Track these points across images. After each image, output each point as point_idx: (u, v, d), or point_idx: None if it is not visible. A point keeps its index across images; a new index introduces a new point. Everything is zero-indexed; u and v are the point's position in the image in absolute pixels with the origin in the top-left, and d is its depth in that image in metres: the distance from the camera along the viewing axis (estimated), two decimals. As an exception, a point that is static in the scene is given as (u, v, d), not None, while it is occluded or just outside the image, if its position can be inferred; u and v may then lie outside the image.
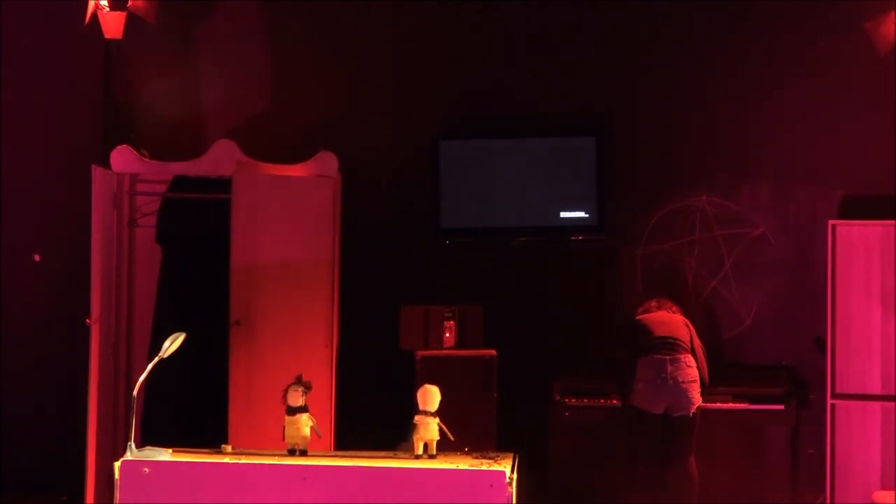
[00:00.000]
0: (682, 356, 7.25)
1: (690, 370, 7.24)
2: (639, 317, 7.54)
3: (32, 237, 8.54)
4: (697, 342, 7.40)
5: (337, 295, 7.87)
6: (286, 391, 5.42)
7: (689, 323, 7.47)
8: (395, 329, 7.95)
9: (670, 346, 7.28)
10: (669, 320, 7.44)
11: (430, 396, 5.33)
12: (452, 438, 5.36)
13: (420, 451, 5.31)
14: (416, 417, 5.33)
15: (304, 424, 5.38)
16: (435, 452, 5.30)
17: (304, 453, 5.36)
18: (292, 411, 5.39)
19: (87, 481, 7.46)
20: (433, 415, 5.32)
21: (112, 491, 5.09)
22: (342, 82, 8.58)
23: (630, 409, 7.37)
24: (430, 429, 5.29)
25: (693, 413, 7.24)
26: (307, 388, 5.43)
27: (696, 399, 7.26)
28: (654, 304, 7.62)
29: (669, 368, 7.21)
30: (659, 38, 8.34)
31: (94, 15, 8.10)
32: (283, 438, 5.42)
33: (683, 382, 7.20)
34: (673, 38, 8.33)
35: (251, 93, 8.58)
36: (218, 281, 7.69)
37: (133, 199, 8.12)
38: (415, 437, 5.33)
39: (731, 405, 7.79)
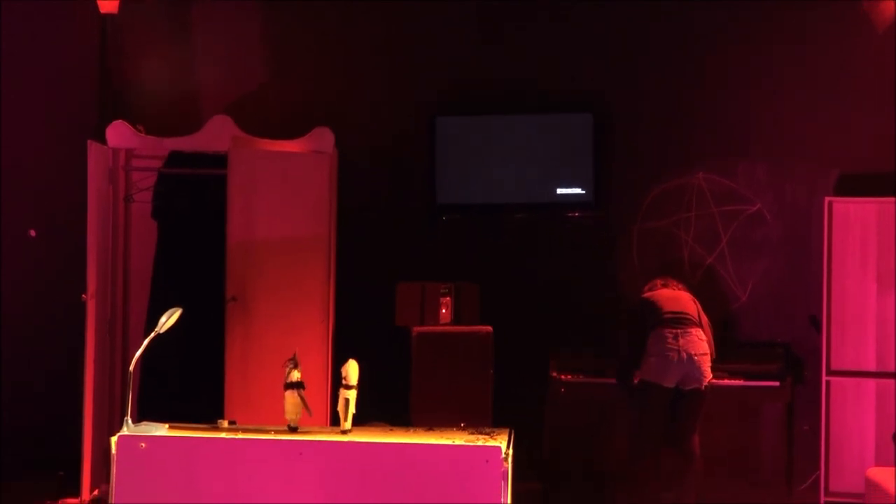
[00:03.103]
0: (692, 329, 7.23)
1: (702, 343, 7.22)
2: (646, 294, 7.52)
3: (28, 213, 8.54)
4: (704, 317, 7.38)
5: (333, 271, 7.87)
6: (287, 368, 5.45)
7: (695, 299, 7.46)
8: (392, 305, 7.96)
9: (681, 320, 7.25)
10: (678, 296, 7.41)
11: (346, 369, 5.36)
12: (311, 414, 5.42)
13: (348, 425, 5.33)
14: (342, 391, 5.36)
15: (297, 401, 5.40)
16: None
17: (293, 430, 5.37)
18: (286, 387, 5.41)
19: (83, 457, 7.48)
20: (354, 387, 5.34)
21: (109, 466, 5.10)
22: (338, 58, 8.56)
23: (640, 384, 7.33)
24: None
25: (704, 387, 7.23)
26: (293, 364, 5.45)
27: (708, 373, 7.23)
28: (659, 282, 7.59)
29: (682, 342, 7.19)
30: (657, 15, 8.32)
31: (90, -10, 8.10)
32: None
33: (696, 355, 7.18)
34: (671, 15, 8.30)
35: (247, 69, 8.57)
36: (214, 257, 7.69)
37: (129, 175, 8.10)
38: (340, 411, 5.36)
39: (726, 382, 7.80)
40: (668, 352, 7.19)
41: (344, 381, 5.33)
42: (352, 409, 5.31)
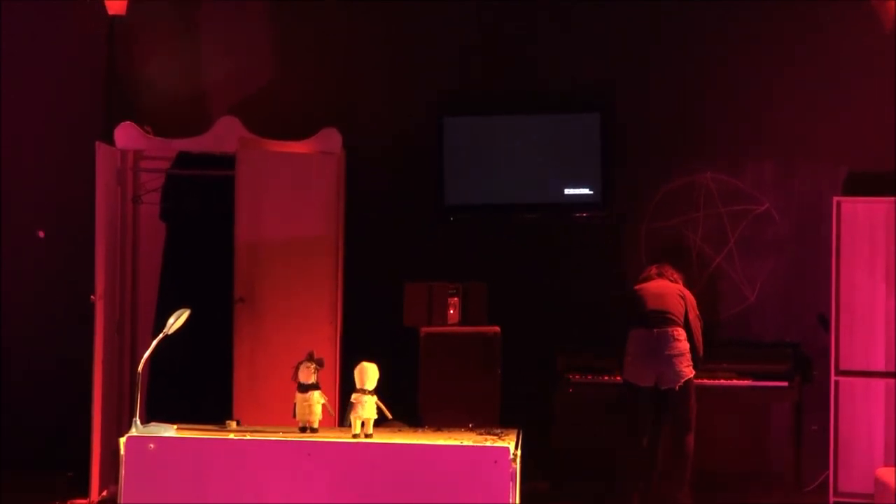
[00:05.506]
0: (670, 329, 7.18)
1: (678, 344, 7.17)
2: (636, 286, 7.46)
3: (37, 214, 8.56)
4: (694, 313, 7.32)
5: (341, 272, 7.88)
6: (297, 368, 5.36)
7: (685, 294, 7.37)
8: (400, 305, 7.95)
9: (660, 319, 7.21)
10: (665, 292, 7.35)
11: (368, 374, 5.24)
12: (390, 416, 5.31)
13: (357, 429, 5.23)
14: (354, 396, 5.23)
15: (316, 402, 5.33)
16: (371, 431, 5.22)
17: (314, 431, 5.32)
18: (304, 388, 5.32)
19: (92, 458, 7.49)
20: (371, 393, 5.24)
21: (118, 467, 5.11)
22: (345, 59, 8.56)
23: (623, 384, 7.35)
24: (367, 407, 5.22)
25: (680, 387, 7.18)
26: (319, 364, 5.37)
27: (686, 372, 7.18)
28: (654, 270, 7.54)
29: (657, 342, 7.17)
30: (665, 15, 8.31)
31: (98, -9, 8.11)
32: (294, 416, 5.36)
33: (670, 355, 7.13)
34: (679, 15, 8.29)
35: (255, 69, 8.58)
36: (222, 258, 7.70)
37: (137, 176, 8.11)
38: (352, 416, 5.22)
39: (734, 382, 7.80)
40: (642, 352, 7.18)
41: (359, 386, 5.24)
42: (373, 415, 5.19)
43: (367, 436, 5.18)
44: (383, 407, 5.24)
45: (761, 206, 8.26)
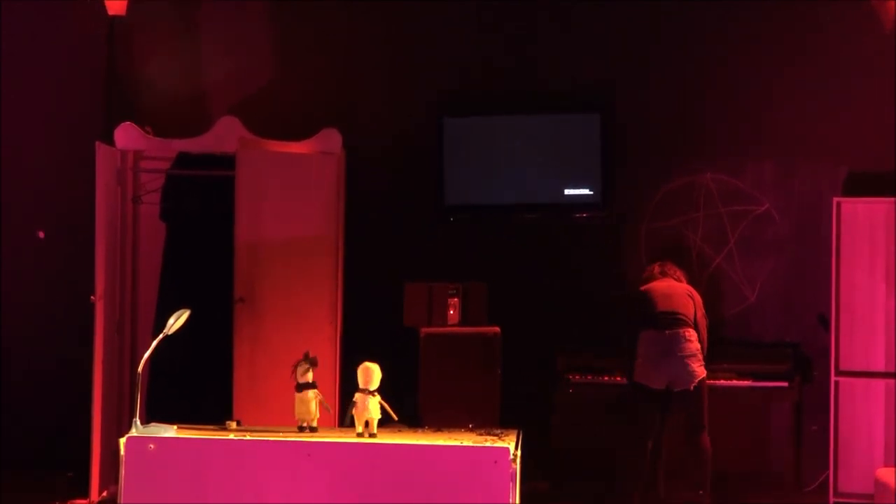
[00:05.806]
0: (683, 331, 7.18)
1: (690, 344, 7.17)
2: (643, 287, 7.44)
3: (37, 214, 8.56)
4: (701, 313, 7.31)
5: (341, 272, 7.88)
6: (295, 368, 5.40)
7: (693, 293, 7.37)
8: (400, 306, 7.95)
9: (672, 320, 7.20)
10: (674, 292, 7.34)
11: (371, 375, 5.25)
12: (396, 418, 5.33)
13: (361, 429, 5.24)
14: (357, 395, 5.25)
15: (311, 400, 5.37)
16: (376, 431, 5.23)
17: (314, 430, 5.35)
18: (300, 388, 5.38)
19: (92, 458, 7.49)
20: (373, 393, 5.25)
21: (118, 467, 5.11)
22: (346, 59, 8.57)
23: (633, 386, 7.34)
24: (370, 407, 5.24)
25: (694, 387, 7.19)
26: (312, 364, 5.41)
27: (699, 372, 7.18)
28: (657, 269, 7.53)
29: (669, 343, 7.16)
30: (664, 15, 8.31)
31: (98, -9, 8.11)
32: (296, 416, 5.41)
33: (683, 357, 7.13)
34: (678, 15, 8.29)
35: (255, 69, 8.58)
36: (222, 258, 7.70)
37: (137, 176, 8.11)
38: (354, 415, 5.24)
39: (734, 382, 7.80)
40: (655, 354, 7.17)
41: (362, 386, 5.25)
42: (377, 416, 5.20)
43: (371, 436, 5.19)
44: (388, 408, 5.25)
45: (761, 206, 8.26)
